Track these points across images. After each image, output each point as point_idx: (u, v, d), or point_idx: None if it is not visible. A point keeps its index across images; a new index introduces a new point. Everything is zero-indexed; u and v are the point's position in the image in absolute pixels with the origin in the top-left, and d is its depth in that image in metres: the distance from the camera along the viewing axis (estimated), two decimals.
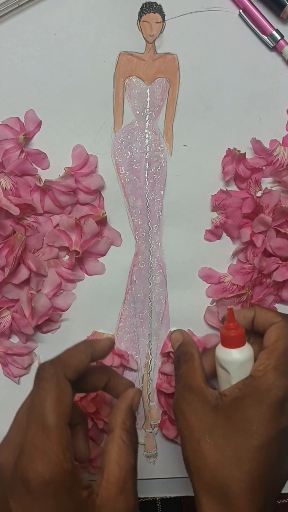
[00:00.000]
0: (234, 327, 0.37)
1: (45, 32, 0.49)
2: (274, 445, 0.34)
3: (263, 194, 0.47)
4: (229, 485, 0.33)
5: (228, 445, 0.34)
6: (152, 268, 0.50)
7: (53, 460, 0.31)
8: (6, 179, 0.47)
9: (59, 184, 0.47)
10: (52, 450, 0.31)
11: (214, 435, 0.35)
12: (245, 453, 0.34)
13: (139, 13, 0.50)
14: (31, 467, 0.31)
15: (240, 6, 0.50)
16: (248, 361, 0.37)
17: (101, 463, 0.35)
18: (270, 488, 0.35)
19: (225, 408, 0.35)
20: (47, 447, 0.31)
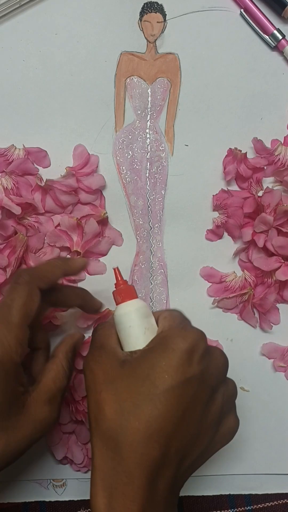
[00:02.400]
0: (123, 283, 0.39)
1: (46, 31, 0.49)
2: (178, 394, 0.34)
3: (264, 194, 0.47)
4: (123, 435, 0.33)
5: (129, 394, 0.34)
6: (153, 268, 0.50)
7: (6, 348, 0.36)
8: (7, 178, 0.47)
9: (60, 184, 0.47)
10: (8, 340, 0.36)
11: (117, 386, 0.35)
12: (145, 400, 0.33)
13: (140, 13, 0.50)
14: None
15: (241, 5, 0.50)
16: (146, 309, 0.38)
17: (39, 377, 0.39)
18: (170, 448, 0.34)
19: (133, 361, 0.35)
20: (5, 337, 0.36)
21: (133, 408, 0.33)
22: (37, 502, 0.49)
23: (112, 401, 0.34)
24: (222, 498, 0.50)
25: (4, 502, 0.49)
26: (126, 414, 0.33)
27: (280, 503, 0.50)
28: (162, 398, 0.33)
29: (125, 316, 0.37)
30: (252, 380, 0.50)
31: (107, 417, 0.34)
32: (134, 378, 0.34)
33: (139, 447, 0.33)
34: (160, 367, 0.34)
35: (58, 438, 0.48)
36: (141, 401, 0.33)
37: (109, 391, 0.35)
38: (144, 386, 0.34)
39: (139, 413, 0.33)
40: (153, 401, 0.33)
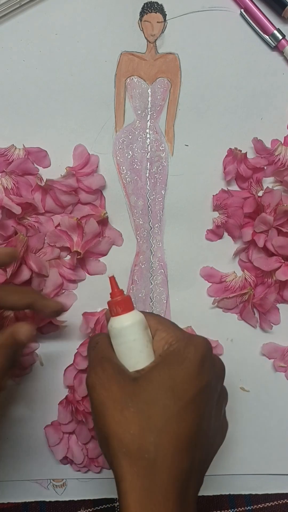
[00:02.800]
0: (120, 293, 0.37)
1: (46, 32, 0.49)
2: (198, 404, 0.34)
3: (264, 194, 0.47)
4: (156, 452, 0.32)
5: (153, 410, 0.33)
6: (153, 268, 0.50)
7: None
8: (7, 178, 0.47)
9: (60, 184, 0.47)
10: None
11: (137, 402, 0.33)
12: (172, 415, 0.33)
13: (141, 13, 0.50)
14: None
15: (241, 5, 0.50)
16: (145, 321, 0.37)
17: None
18: (196, 450, 0.34)
19: (148, 376, 0.34)
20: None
21: (161, 424, 0.33)
22: (37, 502, 0.49)
23: (137, 419, 0.33)
24: (222, 498, 0.50)
25: (4, 502, 0.49)
26: (154, 430, 0.33)
27: (280, 503, 0.50)
28: (188, 410, 0.33)
29: (126, 329, 0.36)
30: (252, 380, 0.50)
31: (134, 436, 0.33)
32: (154, 392, 0.34)
33: (173, 462, 0.32)
34: (180, 378, 0.34)
35: (58, 438, 0.48)
36: (167, 414, 0.33)
37: (131, 409, 0.33)
38: (168, 398, 0.33)
39: (168, 427, 0.33)
40: (179, 413, 0.33)
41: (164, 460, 0.32)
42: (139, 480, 0.32)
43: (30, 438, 0.49)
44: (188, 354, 0.35)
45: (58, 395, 0.49)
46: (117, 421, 0.33)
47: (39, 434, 0.49)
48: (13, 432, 0.49)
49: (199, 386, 0.34)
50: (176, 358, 0.35)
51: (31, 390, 0.49)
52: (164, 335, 0.37)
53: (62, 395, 0.49)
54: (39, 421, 0.49)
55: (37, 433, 0.49)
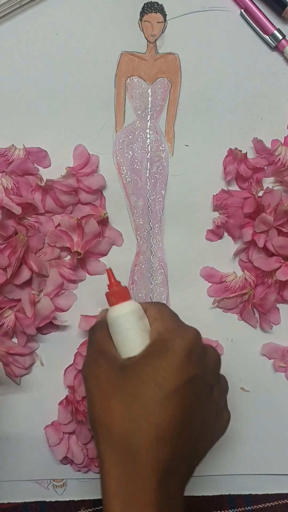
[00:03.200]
0: (117, 284, 0.38)
1: (47, 32, 0.49)
2: (182, 394, 0.34)
3: (264, 194, 0.47)
4: (135, 440, 0.33)
5: (136, 400, 0.34)
6: (153, 268, 0.50)
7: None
8: (7, 178, 0.47)
9: (60, 184, 0.47)
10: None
11: (123, 393, 0.34)
12: (152, 405, 0.33)
13: (141, 13, 0.50)
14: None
15: (241, 5, 0.50)
16: (141, 311, 0.37)
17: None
18: (179, 447, 0.34)
19: (134, 365, 0.35)
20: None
21: (142, 412, 0.33)
22: (37, 502, 0.49)
23: (120, 407, 0.34)
24: (222, 498, 0.50)
25: (4, 502, 0.49)
26: (135, 419, 0.33)
27: (280, 503, 0.50)
28: (169, 400, 0.33)
29: (122, 318, 0.37)
30: (252, 380, 0.50)
31: (117, 423, 0.34)
32: (138, 382, 0.34)
33: (151, 450, 0.33)
34: (163, 369, 0.34)
35: (59, 438, 0.48)
36: (148, 405, 0.33)
37: (116, 397, 0.34)
38: (150, 389, 0.34)
39: (148, 417, 0.33)
40: (161, 403, 0.33)
41: (143, 448, 0.33)
42: (119, 465, 0.33)
43: (30, 438, 0.49)
44: (174, 345, 0.35)
45: (58, 395, 0.49)
46: (102, 408, 0.35)
47: (39, 434, 0.49)
48: (13, 432, 0.49)
49: (184, 377, 0.34)
50: (162, 348, 0.35)
51: (31, 390, 0.49)
52: (158, 325, 0.37)
53: (62, 395, 0.49)
54: (39, 421, 0.49)
55: (37, 433, 0.49)
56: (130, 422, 0.33)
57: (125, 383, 0.35)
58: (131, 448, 0.33)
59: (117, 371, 0.35)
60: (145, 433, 0.33)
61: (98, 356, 0.37)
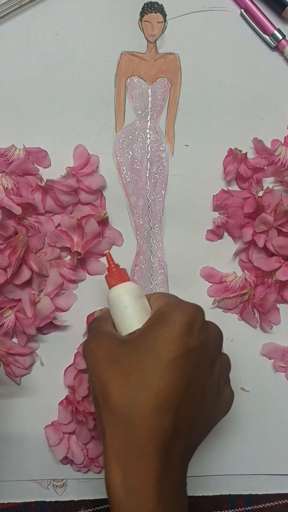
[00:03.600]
0: (116, 267, 0.40)
1: (47, 32, 0.49)
2: (182, 364, 0.34)
3: (264, 194, 0.47)
4: (134, 408, 0.33)
5: (135, 369, 0.34)
6: (153, 268, 0.50)
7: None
8: (7, 178, 0.47)
9: (60, 184, 0.47)
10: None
11: (121, 363, 0.35)
12: (151, 373, 0.33)
13: (141, 13, 0.50)
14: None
15: (241, 5, 0.50)
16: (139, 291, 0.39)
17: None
18: (179, 418, 0.34)
19: (134, 339, 0.36)
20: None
21: (140, 381, 0.33)
22: (37, 502, 0.49)
23: (118, 377, 0.34)
24: (222, 498, 0.50)
25: (4, 502, 0.49)
26: (134, 387, 0.33)
27: (281, 503, 0.50)
28: (168, 369, 0.34)
29: (120, 297, 0.38)
30: (253, 380, 0.50)
31: (115, 393, 0.34)
32: (138, 353, 0.35)
33: (150, 418, 0.33)
34: (163, 339, 0.34)
35: (59, 438, 0.48)
36: (147, 373, 0.34)
37: (113, 369, 0.35)
38: (149, 358, 0.34)
39: (147, 385, 0.33)
40: (160, 372, 0.33)
41: (142, 416, 0.33)
42: (119, 435, 0.33)
43: (30, 438, 0.49)
44: (174, 317, 0.35)
45: (58, 395, 0.49)
46: (101, 379, 0.35)
47: (39, 434, 0.49)
48: (13, 432, 0.49)
49: (183, 348, 0.34)
50: (162, 320, 0.36)
51: (31, 390, 0.49)
52: (160, 302, 0.38)
53: (62, 395, 0.49)
54: (39, 421, 0.49)
55: (37, 433, 0.49)
56: (129, 390, 0.33)
57: (123, 355, 0.35)
58: (131, 417, 0.33)
59: (116, 346, 0.36)
60: (144, 401, 0.33)
61: (97, 335, 0.38)
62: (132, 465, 0.32)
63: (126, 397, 0.33)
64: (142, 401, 0.33)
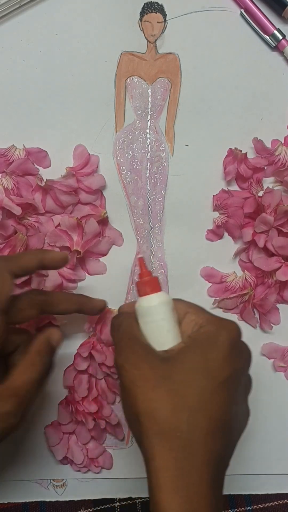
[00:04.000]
0: (148, 274, 0.38)
1: (47, 32, 0.49)
2: (230, 386, 0.34)
3: (264, 194, 0.47)
4: (189, 431, 0.32)
5: (186, 389, 0.33)
6: (153, 268, 0.50)
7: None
8: (7, 178, 0.47)
9: (60, 184, 0.47)
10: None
11: (170, 382, 0.33)
12: (204, 396, 0.33)
13: (141, 13, 0.50)
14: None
15: (241, 5, 0.50)
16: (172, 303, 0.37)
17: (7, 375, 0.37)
18: (228, 433, 0.34)
19: (180, 357, 0.34)
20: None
21: (193, 404, 0.32)
22: (37, 502, 0.49)
23: (168, 398, 0.33)
24: None
25: (4, 502, 0.49)
26: (188, 409, 0.32)
27: (281, 503, 0.50)
28: (221, 390, 0.33)
29: (157, 308, 0.36)
30: (253, 380, 0.50)
31: (166, 415, 0.32)
32: (188, 373, 0.33)
33: (207, 442, 0.32)
34: (215, 360, 0.34)
35: (58, 438, 0.48)
36: (200, 395, 0.33)
37: (163, 387, 0.33)
38: (200, 379, 0.33)
39: (202, 407, 0.32)
40: (213, 394, 0.33)
41: (198, 441, 0.32)
42: (173, 460, 0.32)
43: (30, 438, 0.49)
44: (220, 337, 0.35)
45: (58, 395, 0.49)
46: (149, 399, 0.33)
47: (39, 434, 0.49)
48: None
49: (231, 368, 0.34)
50: (208, 340, 0.35)
51: None
52: (194, 317, 0.37)
53: (62, 395, 0.49)
54: (39, 421, 0.49)
55: (37, 433, 0.49)
56: (183, 413, 0.32)
57: (172, 372, 0.34)
58: (187, 440, 0.32)
59: (157, 361, 0.34)
60: (200, 424, 0.32)
61: (133, 344, 0.36)
62: (192, 491, 0.31)
63: (181, 420, 0.32)
64: (198, 424, 0.32)
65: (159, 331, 0.36)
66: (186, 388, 0.33)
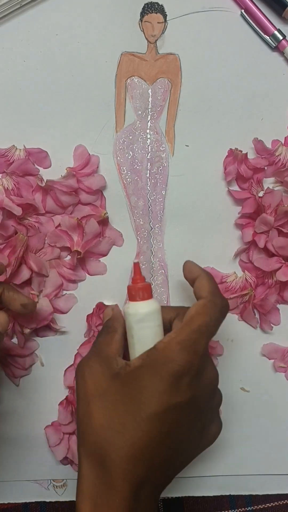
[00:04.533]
0: (140, 280, 0.39)
1: (47, 32, 0.49)
2: (163, 419, 0.34)
3: (265, 194, 0.47)
4: (108, 451, 0.33)
5: (116, 412, 0.34)
6: (153, 268, 0.50)
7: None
8: (7, 179, 0.47)
9: (60, 184, 0.47)
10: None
11: (105, 400, 0.35)
12: (130, 422, 0.34)
13: (141, 13, 0.50)
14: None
15: (242, 6, 0.50)
16: (147, 317, 0.37)
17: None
18: (154, 465, 0.34)
19: (124, 376, 0.35)
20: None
21: (119, 427, 0.34)
22: (37, 503, 0.49)
23: (100, 415, 0.35)
24: (222, 498, 0.50)
25: (4, 503, 0.49)
26: (112, 431, 0.34)
27: (281, 504, 0.50)
28: (147, 422, 0.34)
29: (150, 315, 0.37)
30: (253, 380, 0.50)
31: (94, 431, 0.34)
32: (122, 396, 0.35)
33: (122, 463, 0.33)
34: (147, 391, 0.34)
35: (59, 438, 0.48)
36: (127, 421, 0.34)
37: (97, 404, 0.35)
38: (131, 406, 0.34)
39: (124, 432, 0.34)
40: (139, 423, 0.34)
41: (115, 460, 0.33)
42: (93, 470, 0.34)
43: (30, 438, 0.49)
44: (163, 369, 0.34)
45: (58, 395, 0.49)
46: (84, 411, 0.35)
47: (39, 434, 0.49)
48: (13, 432, 0.49)
49: (166, 404, 0.34)
50: (151, 367, 0.35)
51: (31, 390, 0.49)
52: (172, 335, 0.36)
53: (62, 396, 0.49)
54: (39, 421, 0.49)
55: (37, 433, 0.49)
56: (107, 432, 0.34)
57: (110, 392, 0.35)
58: (105, 459, 0.34)
59: (107, 377, 0.36)
60: (119, 447, 0.33)
61: (93, 358, 0.37)
62: (103, 500, 0.33)
63: (103, 438, 0.34)
64: (117, 446, 0.33)
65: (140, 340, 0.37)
66: (115, 410, 0.34)
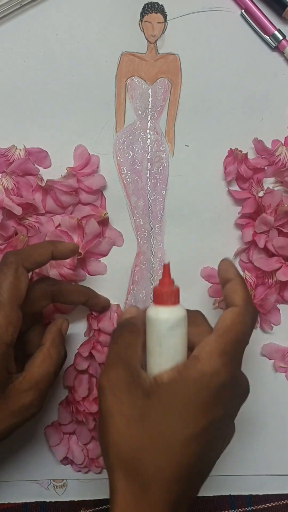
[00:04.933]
0: (168, 283, 0.36)
1: (47, 32, 0.49)
2: (206, 435, 0.33)
3: (265, 194, 0.47)
4: (153, 473, 0.32)
5: (158, 431, 0.32)
6: (153, 269, 0.50)
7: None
8: (7, 179, 0.47)
9: (61, 184, 0.47)
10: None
11: (144, 420, 0.32)
12: (177, 442, 0.32)
13: (141, 13, 0.50)
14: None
15: (242, 6, 0.50)
16: (178, 324, 0.35)
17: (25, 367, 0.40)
18: (194, 479, 0.33)
19: (161, 392, 0.33)
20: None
21: (164, 447, 0.32)
22: (37, 503, 0.49)
23: (140, 435, 0.32)
24: (222, 498, 0.50)
25: (4, 503, 0.49)
26: (157, 451, 0.32)
27: (281, 504, 0.50)
28: (195, 440, 0.32)
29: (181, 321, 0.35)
30: (253, 380, 0.50)
31: (135, 451, 0.32)
32: (164, 414, 0.33)
33: (165, 485, 0.32)
34: (194, 406, 0.32)
35: (59, 438, 0.48)
36: (173, 441, 0.32)
37: (136, 426, 0.33)
38: (177, 425, 0.32)
39: (170, 453, 0.32)
40: (186, 442, 0.32)
41: (160, 484, 0.32)
42: (131, 493, 0.32)
43: (30, 438, 0.49)
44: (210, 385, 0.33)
45: (58, 395, 0.49)
46: (121, 432, 0.33)
47: (40, 434, 0.49)
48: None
49: (211, 418, 0.33)
50: (196, 382, 0.33)
51: None
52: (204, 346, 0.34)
53: (62, 396, 0.49)
54: (39, 421, 0.49)
55: (37, 433, 0.49)
56: (151, 454, 0.32)
57: (149, 411, 0.33)
58: (147, 480, 0.32)
59: (141, 394, 0.33)
60: (165, 469, 0.32)
61: (121, 367, 0.34)
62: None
63: (147, 460, 0.32)
64: (163, 468, 0.32)
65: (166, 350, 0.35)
66: (158, 430, 0.32)
